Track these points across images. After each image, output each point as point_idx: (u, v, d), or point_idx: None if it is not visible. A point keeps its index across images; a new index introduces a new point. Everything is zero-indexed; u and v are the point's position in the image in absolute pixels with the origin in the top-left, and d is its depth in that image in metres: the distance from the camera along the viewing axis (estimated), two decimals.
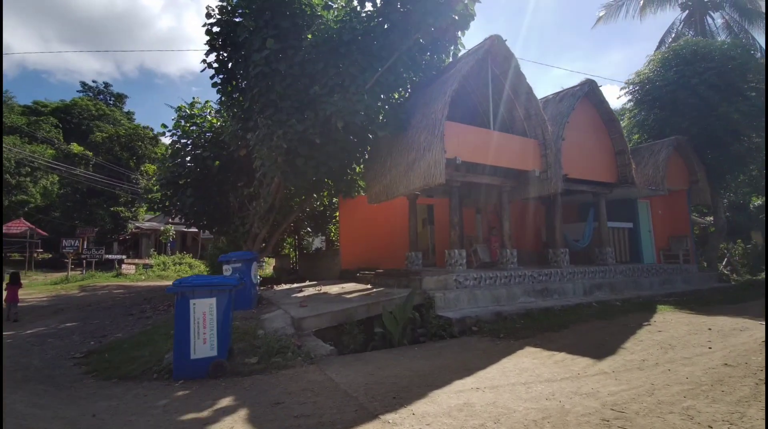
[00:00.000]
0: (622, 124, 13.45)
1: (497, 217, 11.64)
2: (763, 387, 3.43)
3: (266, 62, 8.00)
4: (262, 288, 11.00)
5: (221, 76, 9.40)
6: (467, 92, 10.60)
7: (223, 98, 9.78)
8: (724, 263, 14.41)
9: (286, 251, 19.06)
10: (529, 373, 4.21)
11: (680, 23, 21.47)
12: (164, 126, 11.76)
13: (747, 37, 17.14)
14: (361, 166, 11.17)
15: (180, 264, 21.49)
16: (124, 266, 19.95)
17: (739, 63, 12.29)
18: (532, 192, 9.73)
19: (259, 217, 10.28)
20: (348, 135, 8.93)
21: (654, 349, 4.89)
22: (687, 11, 21.06)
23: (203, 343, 4.34)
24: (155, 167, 21.96)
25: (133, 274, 19.35)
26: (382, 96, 8.79)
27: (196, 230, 19.76)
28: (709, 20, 20.17)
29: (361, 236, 12.21)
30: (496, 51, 9.00)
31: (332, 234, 16.08)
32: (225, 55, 9.23)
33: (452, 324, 6.48)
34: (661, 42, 21.15)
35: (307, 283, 11.95)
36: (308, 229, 16.92)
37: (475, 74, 9.69)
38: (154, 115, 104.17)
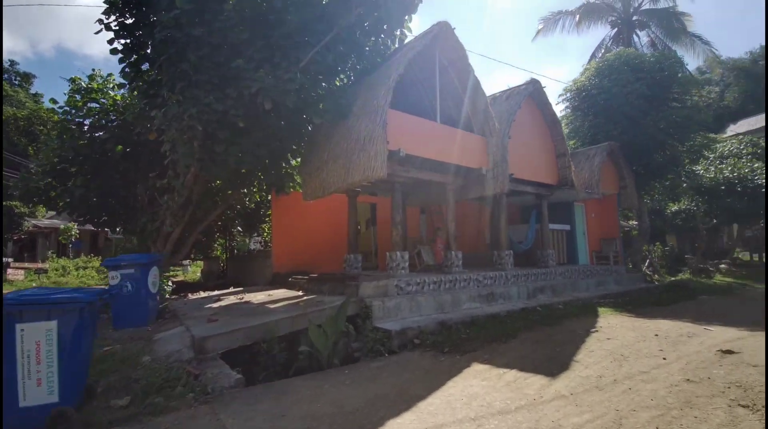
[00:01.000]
0: None
1: (442, 217, 11.14)
2: (739, 410, 2.98)
3: (176, 24, 6.62)
4: (173, 297, 9.40)
5: (123, 41, 7.76)
6: (414, 82, 9.94)
7: (127, 69, 8.11)
8: (646, 264, 15.31)
9: (218, 253, 17.18)
10: (479, 401, 3.48)
11: (610, 40, 22.99)
12: (54, 101, 9.65)
13: (671, 53, 18.62)
14: (298, 159, 10.05)
15: (85, 268, 18.49)
16: (9, 271, 16.61)
17: (667, 75, 13.04)
18: (478, 191, 9.29)
19: (172, 213, 8.69)
20: (279, 120, 7.80)
21: (607, 362, 4.43)
22: (616, 29, 22.58)
23: (37, 386, 3.04)
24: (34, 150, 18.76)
25: (21, 280, 16.18)
26: (320, 77, 7.78)
27: (107, 230, 17.14)
28: (636, 38, 21.79)
29: (297, 237, 11.04)
30: (444, 38, 8.41)
31: (266, 234, 14.64)
32: (128, 14, 7.62)
33: (392, 337, 5.66)
34: (593, 56, 22.46)
35: (232, 289, 10.50)
36: (239, 228, 15.28)
37: (422, 63, 9.05)
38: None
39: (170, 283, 9.81)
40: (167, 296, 8.66)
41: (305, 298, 7.37)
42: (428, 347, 5.42)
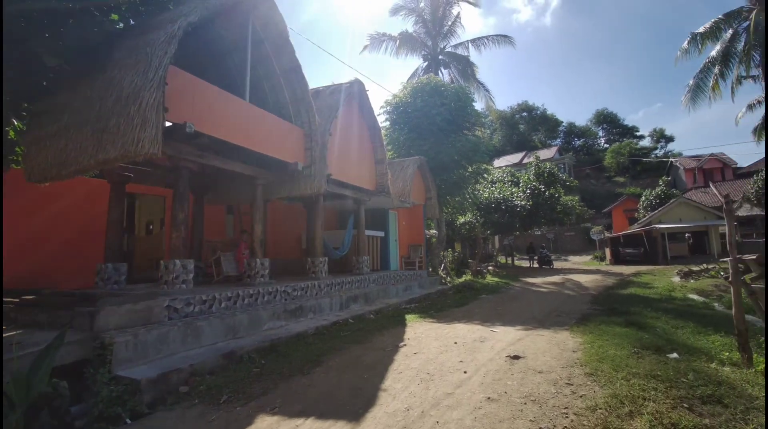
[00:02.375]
0: None
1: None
2: None
3: None
4: None
5: None
6: (221, 54, 8.09)
7: None
8: (441, 268, 17.47)
9: None
10: None
11: (422, 71, 26.04)
12: None
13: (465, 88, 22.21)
14: (23, 122, 6.70)
15: None
16: None
17: (462, 106, 15.16)
18: (293, 190, 8.16)
19: None
20: None
21: (415, 385, 3.93)
22: (427, 62, 25.73)
23: None
24: None
25: None
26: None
27: None
28: (441, 74, 25.31)
29: (22, 236, 7.35)
30: (261, 3, 7.00)
31: None
32: None
33: (141, 390, 3.82)
34: (409, 80, 24.96)
35: None
36: None
37: (231, 27, 7.36)
38: None
39: None
40: None
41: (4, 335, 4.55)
42: (200, 397, 3.85)
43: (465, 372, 4.24)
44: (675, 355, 4.42)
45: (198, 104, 5.56)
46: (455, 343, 5.49)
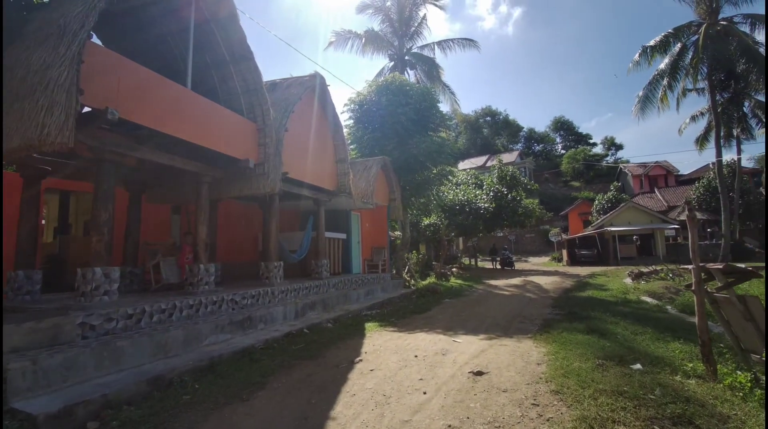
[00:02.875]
0: None
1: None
2: None
3: None
4: None
5: None
6: (164, 37, 7.29)
7: None
8: (405, 270, 17.22)
9: None
10: None
11: (388, 70, 25.75)
12: None
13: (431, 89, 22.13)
14: None
15: None
16: None
17: (428, 106, 14.95)
18: (244, 189, 7.48)
19: None
20: None
21: (369, 412, 3.50)
22: (393, 62, 25.48)
23: None
24: None
25: None
26: None
27: None
28: (407, 74, 25.14)
29: None
30: None
31: None
32: None
33: (38, 426, 3.12)
34: (375, 78, 24.60)
35: None
36: None
37: (171, 5, 6.59)
38: None
39: None
40: None
41: None
42: None
43: (425, 392, 3.85)
44: (638, 366, 4.28)
45: (125, 88, 4.82)
46: (415, 356, 5.11)
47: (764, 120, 19.52)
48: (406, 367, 4.68)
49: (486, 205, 21.80)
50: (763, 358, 3.72)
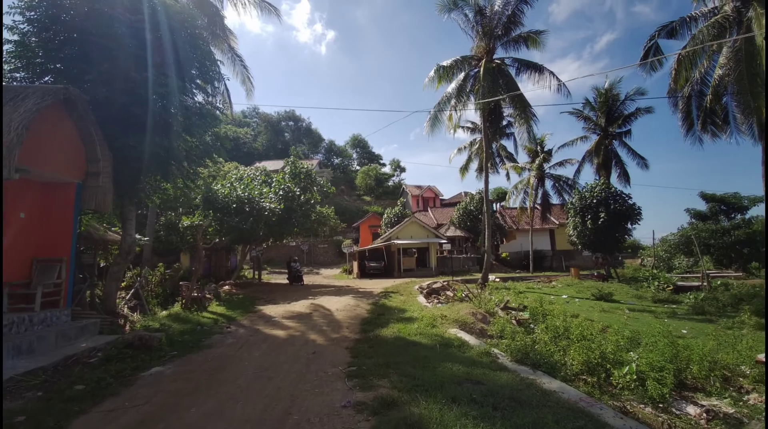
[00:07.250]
0: None
1: None
2: None
3: None
4: None
5: None
6: None
7: None
8: (127, 298, 10.55)
9: None
10: None
11: None
12: None
13: None
14: None
15: None
16: None
17: (193, 41, 9.31)
18: None
19: None
20: None
21: None
22: None
23: None
24: None
25: None
26: None
27: None
28: None
29: None
30: None
31: None
32: None
33: None
34: None
35: None
36: None
37: None
38: None
39: None
40: None
41: None
42: None
43: None
44: None
45: None
46: None
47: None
48: None
49: (273, 205, 17.16)
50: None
